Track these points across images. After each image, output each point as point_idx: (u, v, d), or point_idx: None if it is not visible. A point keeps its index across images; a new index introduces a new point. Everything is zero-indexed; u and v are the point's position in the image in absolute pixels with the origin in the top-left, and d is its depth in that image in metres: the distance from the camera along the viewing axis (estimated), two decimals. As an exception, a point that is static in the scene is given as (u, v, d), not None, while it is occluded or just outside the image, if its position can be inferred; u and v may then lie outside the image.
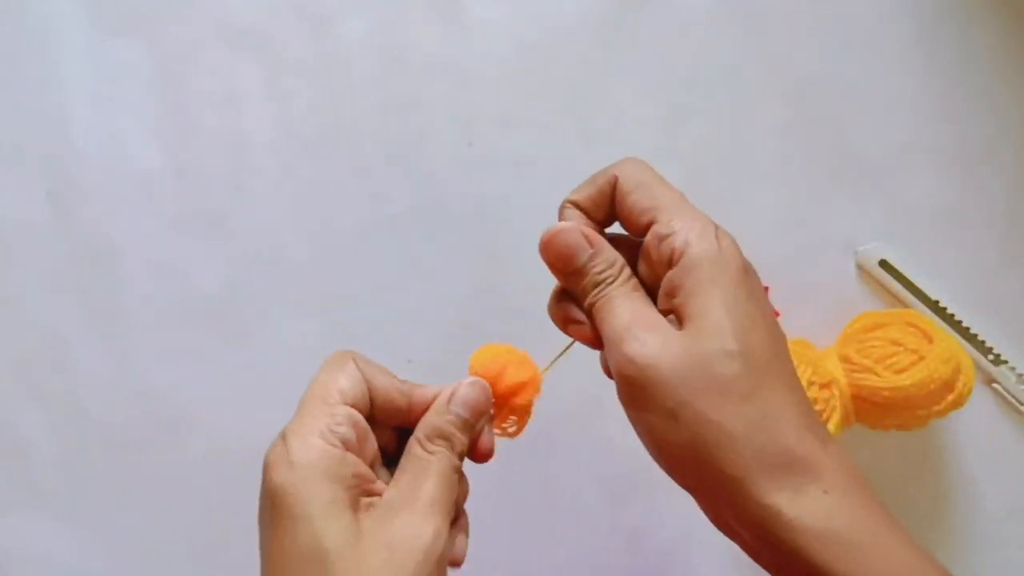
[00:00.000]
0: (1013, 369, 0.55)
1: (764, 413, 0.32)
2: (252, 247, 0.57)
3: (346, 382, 0.34)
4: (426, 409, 0.36)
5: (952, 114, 0.55)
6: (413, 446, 0.35)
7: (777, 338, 0.34)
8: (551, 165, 0.56)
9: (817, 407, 0.49)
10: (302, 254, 0.57)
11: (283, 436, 0.33)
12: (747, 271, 0.34)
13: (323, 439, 0.32)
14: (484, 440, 0.37)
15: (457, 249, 0.56)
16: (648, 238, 0.35)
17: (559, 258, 0.36)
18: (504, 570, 0.57)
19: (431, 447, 0.35)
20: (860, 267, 0.55)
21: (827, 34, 0.55)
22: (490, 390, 0.37)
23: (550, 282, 0.38)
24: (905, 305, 0.55)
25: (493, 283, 0.56)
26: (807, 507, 0.31)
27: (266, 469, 0.32)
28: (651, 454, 0.34)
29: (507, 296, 0.57)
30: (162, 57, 0.56)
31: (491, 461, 0.57)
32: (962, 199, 0.55)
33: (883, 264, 0.55)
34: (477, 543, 0.56)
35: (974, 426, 0.55)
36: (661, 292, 0.34)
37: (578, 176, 0.56)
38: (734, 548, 0.34)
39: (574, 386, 0.56)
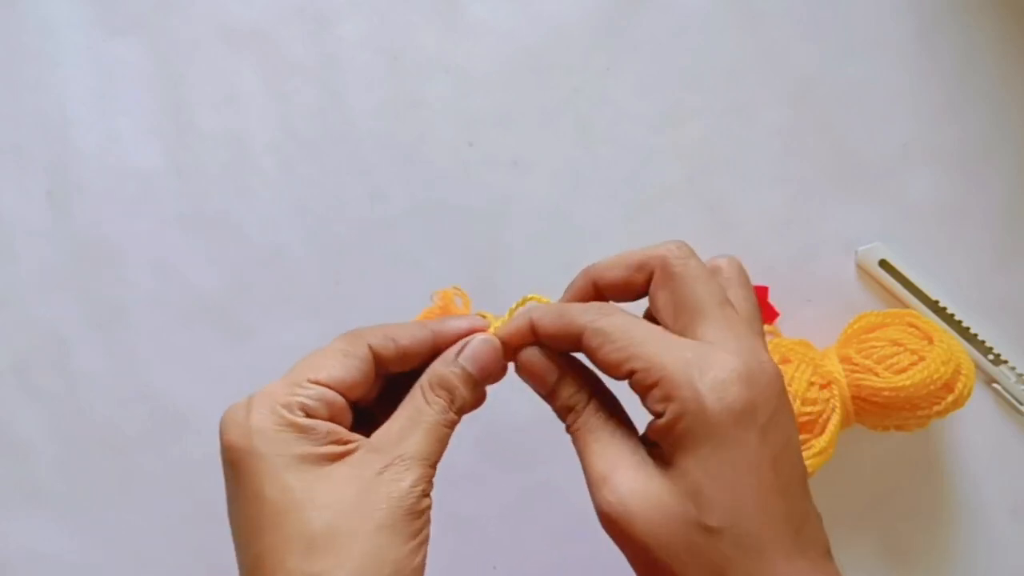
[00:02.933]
0: (1013, 369, 0.55)
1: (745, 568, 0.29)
2: (252, 247, 0.57)
3: (340, 370, 0.33)
4: (452, 343, 0.35)
5: (952, 114, 0.55)
6: (415, 392, 0.34)
7: (775, 493, 0.30)
8: (551, 165, 0.56)
9: (817, 407, 0.49)
10: (302, 254, 0.57)
11: (248, 399, 0.33)
12: (744, 418, 0.29)
13: (287, 408, 0.32)
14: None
15: (457, 249, 0.56)
16: (632, 389, 0.32)
17: (534, 377, 0.35)
18: (504, 570, 0.57)
19: (431, 396, 0.34)
20: (860, 267, 0.55)
21: (827, 34, 0.55)
22: (501, 350, 0.35)
23: (550, 283, 0.38)
24: (905, 305, 0.55)
25: (493, 283, 0.56)
26: None
27: (222, 430, 0.32)
28: None
29: (507, 296, 0.56)
30: (162, 57, 0.56)
31: (491, 461, 0.58)
32: (962, 199, 0.55)
33: (883, 264, 0.55)
34: (478, 543, 0.57)
35: (974, 426, 0.55)
36: (648, 434, 0.32)
37: (578, 176, 0.56)
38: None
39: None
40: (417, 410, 0.34)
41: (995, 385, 0.55)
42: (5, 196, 0.57)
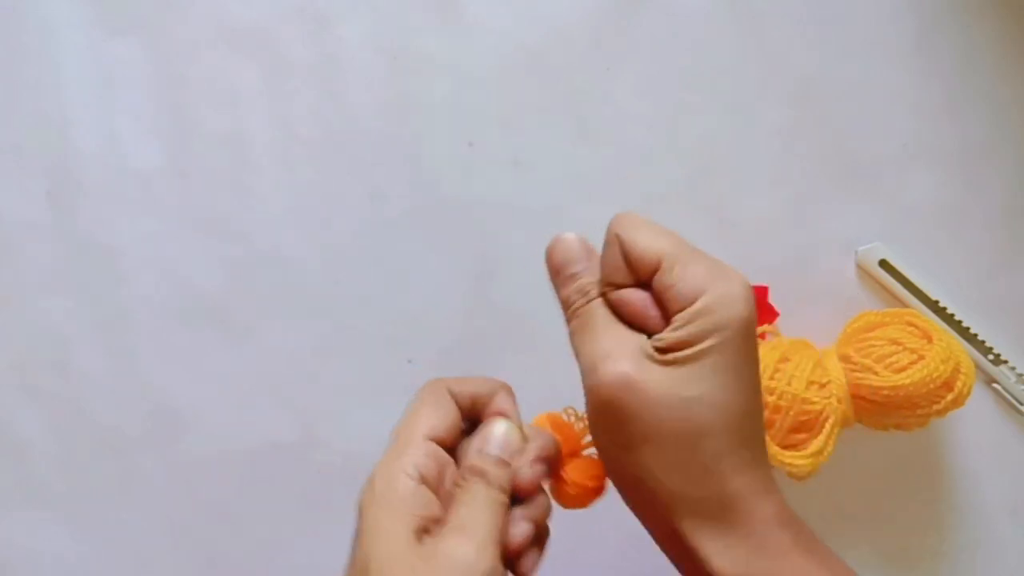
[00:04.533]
0: (1013, 369, 0.55)
1: (714, 467, 0.33)
2: (252, 247, 0.57)
3: (437, 419, 0.36)
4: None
5: (952, 114, 0.55)
6: (455, 485, 0.36)
7: (753, 397, 0.34)
8: (551, 165, 0.56)
9: (816, 407, 0.49)
10: (302, 254, 0.57)
11: (378, 465, 0.35)
12: (750, 325, 0.34)
13: (405, 473, 0.34)
14: (522, 475, 0.37)
15: (457, 249, 0.56)
16: (655, 285, 0.35)
17: (555, 262, 0.37)
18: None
19: (466, 483, 0.36)
20: (860, 267, 0.55)
21: (827, 34, 0.55)
22: (517, 432, 0.37)
23: (549, 283, 0.38)
24: (905, 305, 0.55)
25: (493, 283, 0.56)
26: (730, 556, 0.33)
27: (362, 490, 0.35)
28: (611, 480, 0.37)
29: (507, 296, 0.57)
30: (162, 57, 0.56)
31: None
32: (962, 199, 0.55)
33: (883, 264, 0.55)
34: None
35: (974, 426, 0.55)
36: (668, 328, 0.34)
37: (578, 176, 0.56)
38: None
39: (574, 388, 0.56)
40: (463, 494, 0.35)
41: (995, 385, 0.55)
42: (5, 196, 0.57)
